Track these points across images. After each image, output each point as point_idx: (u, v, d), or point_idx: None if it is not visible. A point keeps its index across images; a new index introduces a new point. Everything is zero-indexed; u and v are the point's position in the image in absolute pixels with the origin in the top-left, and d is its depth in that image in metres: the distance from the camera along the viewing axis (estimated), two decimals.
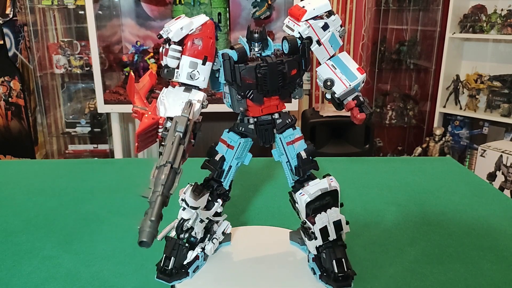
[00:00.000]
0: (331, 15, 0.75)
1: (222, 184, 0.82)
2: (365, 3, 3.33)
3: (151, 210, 0.54)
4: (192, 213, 0.76)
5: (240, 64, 0.71)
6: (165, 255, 0.80)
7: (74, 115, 3.24)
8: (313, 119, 2.94)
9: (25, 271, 0.87)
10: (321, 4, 0.74)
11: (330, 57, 0.77)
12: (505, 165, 2.78)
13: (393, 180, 1.36)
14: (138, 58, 2.77)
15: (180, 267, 0.80)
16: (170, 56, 0.68)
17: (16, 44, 2.93)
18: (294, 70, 0.74)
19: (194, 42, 0.68)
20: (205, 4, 2.53)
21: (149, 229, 0.53)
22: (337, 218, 0.78)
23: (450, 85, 3.32)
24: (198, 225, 0.79)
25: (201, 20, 0.69)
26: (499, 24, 3.04)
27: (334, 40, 0.76)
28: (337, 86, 0.76)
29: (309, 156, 0.78)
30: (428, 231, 1.03)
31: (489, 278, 0.85)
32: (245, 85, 0.72)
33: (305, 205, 0.77)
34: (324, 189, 0.77)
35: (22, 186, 1.32)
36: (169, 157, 0.59)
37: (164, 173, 0.57)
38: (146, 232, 0.53)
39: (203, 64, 0.69)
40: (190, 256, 0.81)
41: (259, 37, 0.73)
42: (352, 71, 0.76)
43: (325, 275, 0.79)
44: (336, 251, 0.78)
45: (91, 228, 1.06)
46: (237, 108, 0.75)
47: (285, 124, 0.78)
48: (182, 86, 0.70)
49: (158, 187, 0.56)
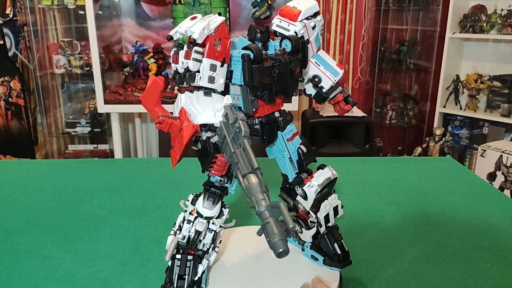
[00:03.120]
0: (317, 15, 0.78)
1: (227, 189, 0.77)
2: (365, 3, 3.33)
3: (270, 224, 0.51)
4: (204, 224, 0.73)
5: (258, 65, 0.68)
6: (177, 274, 0.74)
7: (74, 115, 3.24)
8: (313, 119, 2.94)
9: (25, 271, 0.87)
10: (312, 4, 0.77)
11: (313, 55, 0.81)
12: (505, 165, 2.78)
13: (393, 180, 1.36)
14: (138, 58, 2.76)
15: (192, 283, 0.75)
16: (194, 58, 0.65)
17: (16, 44, 2.93)
18: (298, 68, 0.76)
19: (214, 43, 0.65)
20: (205, 4, 2.53)
21: (279, 238, 0.50)
22: (336, 204, 0.84)
23: (450, 85, 3.31)
24: (208, 236, 0.75)
25: (218, 20, 0.67)
26: (499, 24, 3.04)
27: (317, 39, 0.80)
28: (324, 81, 0.82)
29: (308, 149, 0.82)
30: (428, 231, 1.03)
31: (489, 278, 0.85)
32: (261, 85, 0.70)
33: (314, 196, 0.80)
34: (329, 178, 0.81)
35: (22, 186, 1.32)
36: (252, 162, 0.56)
37: (260, 179, 0.54)
38: (279, 242, 0.50)
39: (221, 66, 0.67)
40: (200, 271, 0.76)
41: (262, 37, 0.73)
42: (334, 67, 0.82)
43: (326, 258, 0.83)
44: (335, 234, 0.84)
45: (91, 228, 1.06)
46: (250, 109, 0.72)
47: (286, 121, 0.80)
48: (201, 90, 0.68)
49: (259, 194, 0.53)
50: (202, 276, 0.77)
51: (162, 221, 1.09)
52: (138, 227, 1.06)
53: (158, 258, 0.91)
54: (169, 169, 1.41)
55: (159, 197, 1.23)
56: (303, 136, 2.85)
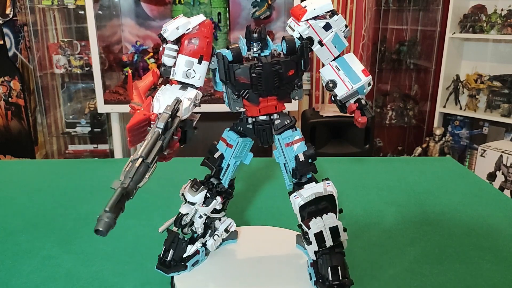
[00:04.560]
0: (334, 15, 0.73)
1: (222, 182, 0.83)
2: (365, 3, 3.33)
3: (109, 201, 0.57)
4: (190, 208, 0.80)
5: (234, 64, 0.71)
6: (165, 247, 0.83)
7: (74, 115, 3.24)
8: (313, 119, 2.94)
9: (25, 271, 0.87)
10: (323, 3, 0.72)
11: (335, 58, 0.75)
12: (505, 165, 2.78)
13: (393, 180, 1.36)
14: (138, 58, 2.77)
15: (180, 260, 0.82)
16: (166, 54, 0.70)
17: (16, 44, 2.93)
18: (291, 70, 0.73)
19: (191, 41, 0.69)
20: (205, 4, 2.53)
21: (106, 219, 0.56)
22: (334, 224, 0.74)
23: (450, 85, 3.32)
24: (197, 221, 0.81)
25: (198, 20, 0.70)
26: (499, 24, 3.04)
27: (338, 41, 0.74)
28: (339, 88, 0.75)
29: (308, 159, 0.76)
30: (428, 231, 1.03)
31: (488, 279, 0.85)
32: (239, 84, 0.72)
33: (298, 208, 0.75)
34: (319, 193, 0.74)
35: (22, 186, 1.32)
36: (143, 152, 0.60)
37: (134, 166, 0.59)
38: (103, 222, 0.56)
39: (199, 63, 0.70)
40: (189, 250, 0.83)
41: (257, 36, 0.72)
42: (356, 73, 0.74)
43: (320, 281, 0.76)
44: (332, 258, 0.75)
45: (91, 228, 1.05)
46: (233, 107, 0.76)
47: (284, 125, 0.77)
48: (179, 85, 0.71)
49: (126, 179, 0.59)
50: (194, 258, 0.83)
51: (162, 221, 1.08)
52: (138, 227, 1.06)
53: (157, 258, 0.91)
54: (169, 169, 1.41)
55: (159, 197, 1.23)
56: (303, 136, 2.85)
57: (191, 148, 0.74)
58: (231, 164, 0.82)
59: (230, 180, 0.84)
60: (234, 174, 0.84)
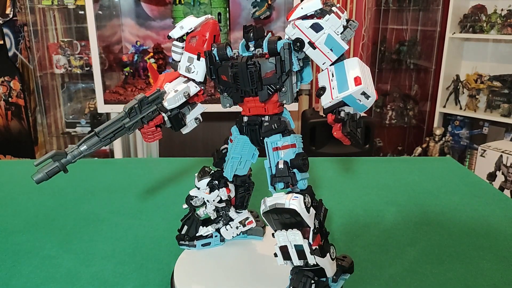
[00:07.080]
0: (325, 14, 0.65)
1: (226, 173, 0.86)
2: (365, 3, 3.33)
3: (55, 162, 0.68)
4: (197, 192, 0.86)
5: (216, 62, 0.74)
6: (182, 221, 0.91)
7: (74, 115, 3.24)
8: (313, 119, 2.94)
9: (25, 271, 0.87)
10: (310, 3, 0.65)
11: (333, 62, 0.68)
12: (505, 165, 2.78)
13: (393, 180, 1.36)
14: (138, 58, 2.77)
15: (193, 237, 0.90)
16: (173, 50, 0.78)
17: (16, 44, 2.93)
18: (269, 72, 0.69)
19: (191, 39, 0.76)
20: (205, 4, 2.53)
21: (43, 170, 0.67)
22: (298, 242, 0.67)
23: (450, 85, 3.32)
24: (208, 206, 0.88)
25: (202, 20, 0.76)
26: (499, 24, 3.04)
27: (333, 43, 0.66)
28: (325, 96, 0.66)
29: (289, 168, 0.70)
30: (428, 231, 1.03)
31: (488, 278, 0.85)
32: (222, 82, 0.75)
33: (263, 215, 0.70)
34: (279, 204, 0.66)
35: (22, 186, 1.32)
36: (99, 127, 0.69)
37: (90, 141, 0.69)
38: (38, 173, 0.67)
39: (198, 59, 0.76)
40: (201, 230, 0.90)
41: (252, 36, 0.72)
42: (347, 81, 0.65)
43: None
44: (296, 279, 0.69)
45: (91, 228, 1.06)
46: (223, 104, 0.79)
47: (271, 128, 0.73)
48: (184, 78, 0.79)
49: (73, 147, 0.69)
50: (205, 239, 0.89)
51: (162, 221, 1.09)
52: (138, 227, 1.06)
53: (158, 258, 0.91)
54: (169, 169, 1.41)
55: (159, 197, 1.23)
56: (303, 136, 2.85)
57: (192, 148, 0.74)
58: (229, 158, 0.84)
59: (237, 174, 0.86)
60: (244, 171, 0.86)
